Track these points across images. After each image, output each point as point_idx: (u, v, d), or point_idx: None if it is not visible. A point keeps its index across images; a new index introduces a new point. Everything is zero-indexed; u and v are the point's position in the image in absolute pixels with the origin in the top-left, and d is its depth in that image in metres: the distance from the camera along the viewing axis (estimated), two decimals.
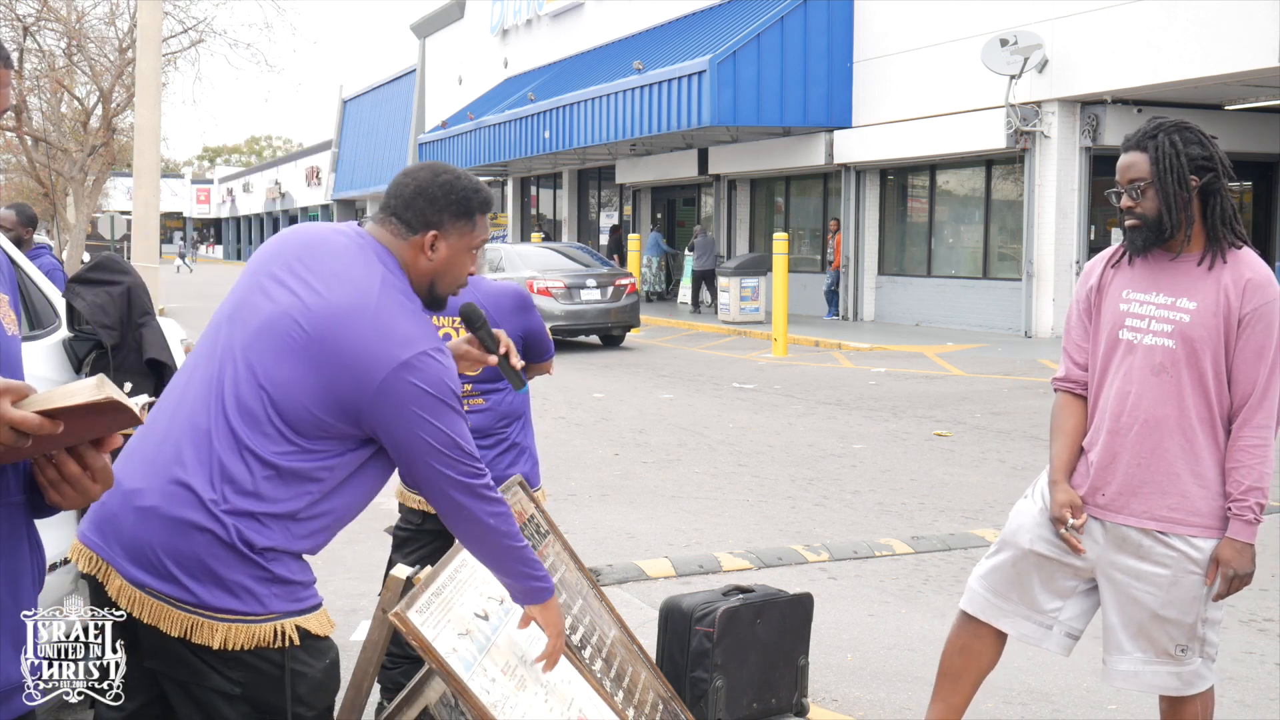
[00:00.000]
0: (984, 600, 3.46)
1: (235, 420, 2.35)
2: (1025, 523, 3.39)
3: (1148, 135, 3.16)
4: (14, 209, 7.44)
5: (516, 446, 3.93)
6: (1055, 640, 3.39)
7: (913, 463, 9.10)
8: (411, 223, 2.53)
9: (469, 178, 2.61)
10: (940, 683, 3.55)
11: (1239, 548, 3.10)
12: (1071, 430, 3.32)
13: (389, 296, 2.43)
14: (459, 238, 2.56)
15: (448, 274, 2.58)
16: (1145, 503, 3.17)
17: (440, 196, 2.53)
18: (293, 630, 2.37)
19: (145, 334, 4.14)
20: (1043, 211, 18.07)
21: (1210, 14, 15.02)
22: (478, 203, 2.58)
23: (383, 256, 2.51)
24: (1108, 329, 3.25)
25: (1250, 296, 3.09)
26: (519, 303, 3.89)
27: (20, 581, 1.84)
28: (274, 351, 2.38)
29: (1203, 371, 3.11)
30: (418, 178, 2.56)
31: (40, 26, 22.61)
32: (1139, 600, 3.20)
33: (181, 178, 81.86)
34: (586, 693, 3.05)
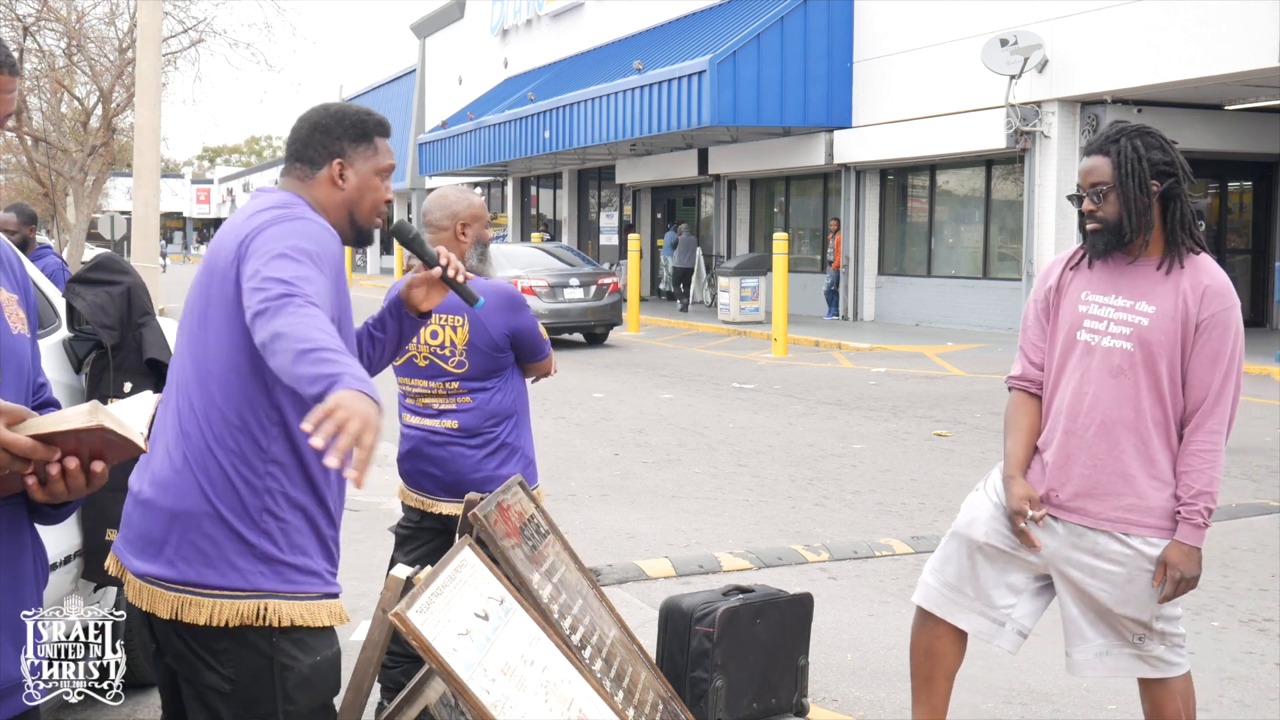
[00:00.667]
0: (938, 594, 3.48)
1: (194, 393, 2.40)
2: (979, 515, 3.41)
3: (1110, 139, 3.18)
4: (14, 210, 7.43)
5: (506, 447, 3.90)
6: (1006, 637, 3.41)
7: (913, 463, 9.10)
8: (314, 159, 2.56)
9: (359, 106, 2.64)
10: (915, 685, 3.58)
11: (1186, 550, 3.13)
12: (1027, 428, 3.34)
13: (256, 205, 2.48)
14: (364, 161, 2.58)
15: (363, 200, 2.59)
16: (1101, 504, 3.20)
17: (334, 125, 2.57)
18: (278, 613, 2.37)
19: (145, 334, 4.13)
20: (1043, 211, 18.07)
21: (1210, 14, 15.02)
22: (372, 124, 2.61)
23: (275, 192, 2.55)
24: (1065, 329, 3.28)
25: (1208, 303, 3.13)
26: (506, 301, 3.85)
27: (22, 580, 1.84)
28: (198, 324, 2.43)
29: (1159, 375, 3.15)
30: (309, 117, 2.60)
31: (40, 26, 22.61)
32: (1094, 596, 3.24)
33: (181, 178, 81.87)
34: (586, 693, 3.05)
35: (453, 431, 3.86)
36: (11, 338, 1.86)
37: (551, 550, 3.51)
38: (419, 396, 3.90)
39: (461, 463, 3.84)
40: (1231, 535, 6.88)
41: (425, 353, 3.85)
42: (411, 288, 2.82)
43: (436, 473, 3.88)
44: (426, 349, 3.86)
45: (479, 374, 3.85)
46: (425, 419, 3.89)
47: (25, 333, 1.92)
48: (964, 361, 15.59)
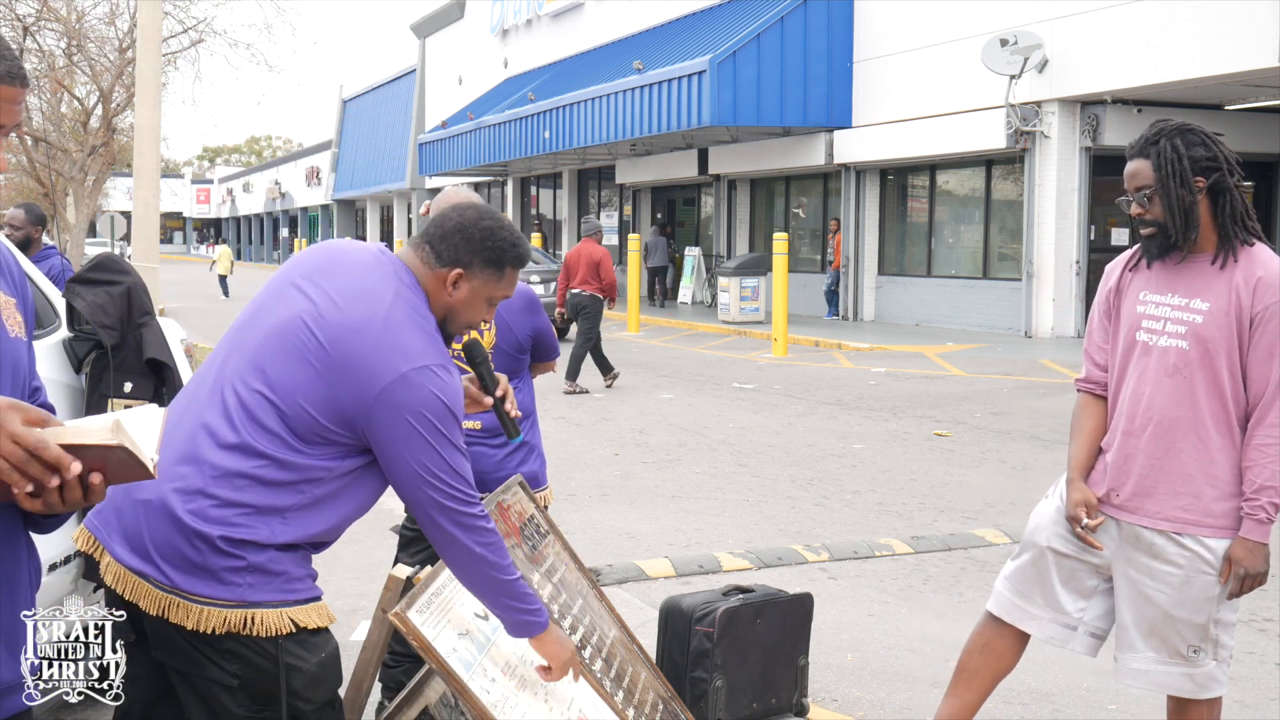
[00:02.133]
0: (1008, 602, 3.46)
1: (238, 417, 2.40)
2: (1043, 521, 3.41)
3: (1150, 141, 3.17)
4: (23, 208, 7.40)
5: (525, 445, 3.93)
6: (1080, 641, 3.39)
7: (913, 463, 9.10)
8: (443, 255, 2.56)
9: (512, 230, 2.64)
10: (956, 678, 3.55)
11: (1250, 547, 3.09)
12: (1090, 430, 3.33)
13: (400, 310, 2.46)
14: (483, 283, 2.59)
15: (462, 315, 2.61)
16: (1159, 503, 3.17)
17: (478, 239, 2.57)
18: (279, 621, 2.40)
19: (145, 334, 4.13)
20: (1043, 211, 18.07)
21: (1210, 14, 15.02)
22: (511, 256, 2.61)
23: (402, 274, 2.54)
24: (1125, 331, 3.27)
25: (1261, 295, 3.08)
26: (528, 303, 3.90)
27: (17, 582, 1.84)
28: (283, 354, 2.42)
29: (1217, 371, 3.11)
30: (464, 214, 2.60)
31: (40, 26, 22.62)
32: (1151, 599, 3.20)
33: (181, 178, 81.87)
34: (586, 693, 3.05)
35: (474, 432, 3.85)
36: (9, 341, 1.86)
37: (551, 550, 3.51)
38: None
39: (484, 462, 3.84)
40: None
41: None
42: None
43: None
44: (451, 352, 3.84)
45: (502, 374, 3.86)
46: None
47: (22, 336, 1.91)
48: (964, 361, 15.59)
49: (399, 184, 43.31)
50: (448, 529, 2.46)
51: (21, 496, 1.69)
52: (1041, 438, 10.06)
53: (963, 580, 6.09)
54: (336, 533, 2.55)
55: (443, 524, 2.46)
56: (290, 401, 2.39)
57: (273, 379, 2.41)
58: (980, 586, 5.85)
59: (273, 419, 2.39)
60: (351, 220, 54.49)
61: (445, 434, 2.42)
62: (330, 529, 2.51)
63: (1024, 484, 8.26)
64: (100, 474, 1.68)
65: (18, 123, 1.84)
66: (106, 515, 2.45)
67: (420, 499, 2.45)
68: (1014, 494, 7.98)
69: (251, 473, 2.37)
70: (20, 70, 1.80)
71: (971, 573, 6.21)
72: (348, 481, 2.47)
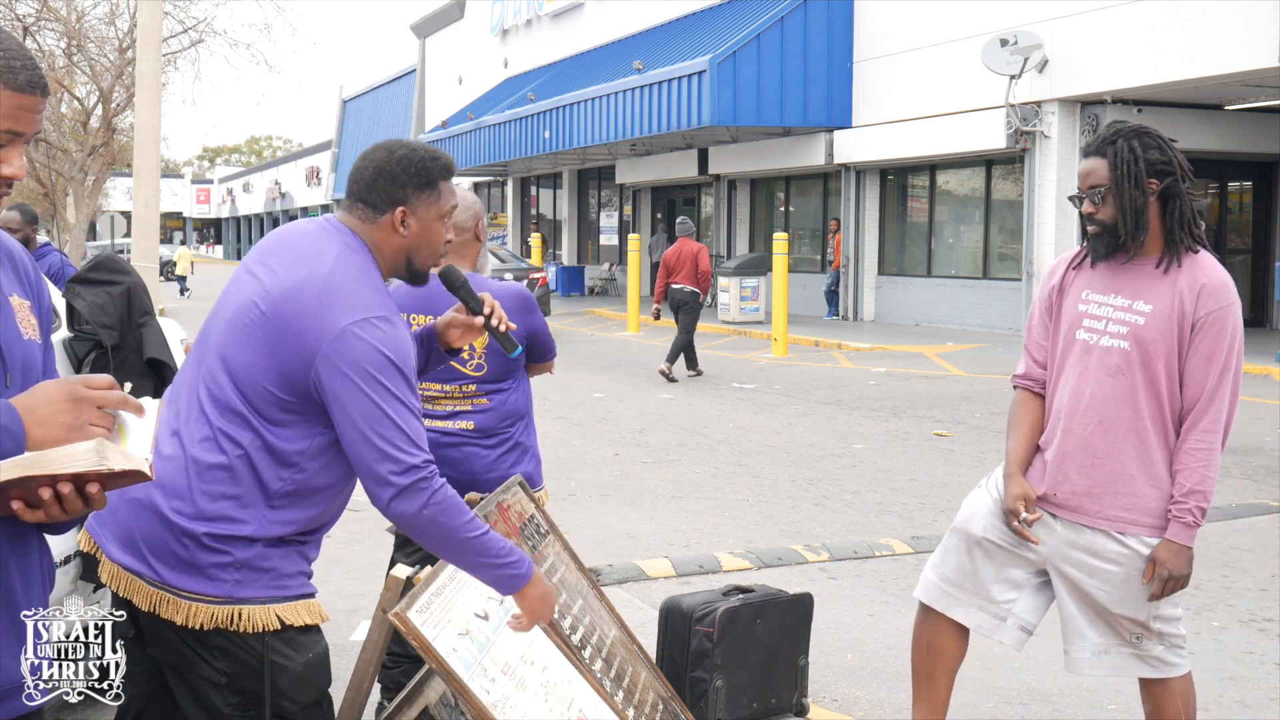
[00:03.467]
0: (938, 589, 3.49)
1: (209, 409, 2.42)
2: (978, 511, 3.43)
3: (1107, 141, 3.18)
4: (17, 209, 7.42)
5: (520, 446, 3.92)
6: (1009, 633, 3.42)
7: (913, 463, 9.10)
8: (378, 204, 2.54)
9: (425, 148, 2.60)
10: (916, 682, 3.58)
11: (1176, 549, 3.13)
12: (1029, 427, 3.36)
13: (340, 268, 2.45)
14: (427, 208, 2.56)
15: (424, 247, 2.58)
16: (1099, 503, 3.20)
17: (400, 173, 2.54)
18: (265, 617, 2.41)
19: (145, 334, 4.13)
20: (1043, 211, 18.07)
21: (1210, 14, 15.02)
22: (438, 170, 2.58)
23: (346, 236, 2.53)
24: (1066, 329, 3.29)
25: (1205, 301, 3.12)
26: (523, 303, 3.88)
27: (31, 580, 1.85)
28: (238, 338, 2.43)
29: (1155, 374, 3.15)
30: (374, 159, 2.57)
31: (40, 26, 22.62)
32: (1091, 595, 3.25)
33: (181, 178, 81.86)
34: (586, 693, 3.05)
35: (468, 432, 3.85)
36: (22, 343, 1.87)
37: (551, 550, 3.51)
38: (432, 399, 3.88)
39: (476, 463, 3.83)
40: (1231, 535, 6.88)
41: None
42: (450, 327, 2.86)
43: (449, 474, 3.86)
44: None
45: (496, 376, 3.85)
46: (437, 420, 3.87)
47: (36, 339, 1.92)
48: (964, 361, 15.58)
49: None
50: (391, 495, 2.35)
51: (20, 510, 1.70)
52: None
53: None
54: (329, 516, 2.55)
55: (385, 490, 2.36)
56: (251, 384, 2.40)
57: (233, 365, 2.42)
58: None
59: (240, 404, 2.40)
60: None
61: (387, 386, 2.36)
62: (320, 514, 2.51)
63: None
64: (97, 483, 1.69)
65: (38, 130, 1.85)
66: (103, 516, 2.48)
67: (361, 459, 2.37)
68: None
69: (230, 464, 2.39)
70: (42, 80, 1.81)
71: None
72: (326, 460, 2.46)
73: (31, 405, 1.70)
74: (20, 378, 1.84)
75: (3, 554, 1.79)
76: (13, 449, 1.67)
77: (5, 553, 1.80)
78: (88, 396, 1.71)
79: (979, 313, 19.93)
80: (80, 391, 1.71)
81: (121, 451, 1.68)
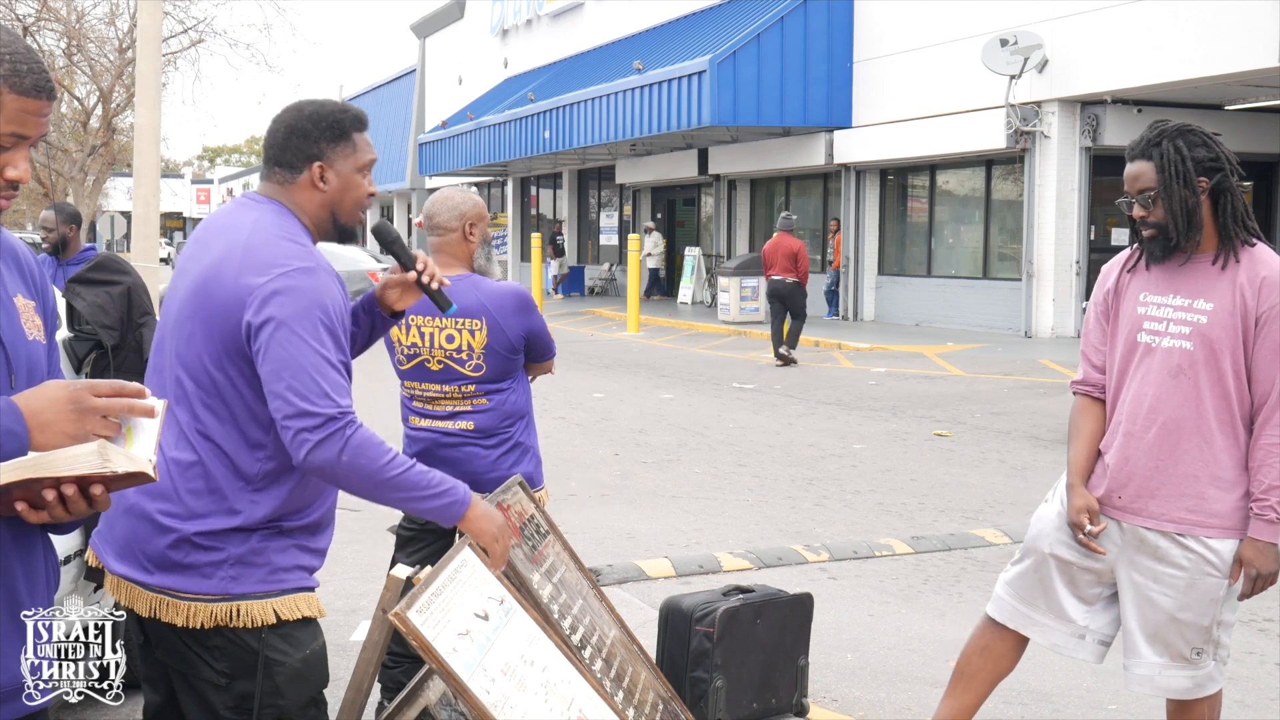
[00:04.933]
0: (1011, 608, 3.45)
1: (177, 410, 2.44)
2: (1045, 528, 3.38)
3: (1151, 143, 3.14)
4: (54, 208, 7.10)
5: (520, 446, 3.92)
6: (1089, 649, 3.38)
7: (913, 463, 9.10)
8: (293, 163, 2.54)
9: (334, 102, 2.61)
10: (955, 680, 3.55)
11: (1260, 547, 3.09)
12: (1090, 433, 3.31)
13: (255, 232, 2.45)
14: (343, 160, 2.55)
15: (345, 199, 2.57)
16: (1162, 505, 3.16)
17: (311, 128, 2.53)
18: (261, 612, 2.42)
19: (145, 334, 4.13)
20: (1043, 211, 18.07)
21: (1210, 14, 15.02)
22: (349, 121, 2.57)
23: (262, 204, 2.53)
24: (1126, 332, 3.25)
25: (1266, 294, 3.07)
26: (520, 303, 3.86)
27: (35, 580, 1.85)
28: (184, 334, 2.45)
29: (1222, 372, 3.10)
30: (284, 119, 2.57)
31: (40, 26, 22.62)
32: (1156, 602, 3.20)
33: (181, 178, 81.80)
34: (586, 693, 3.05)
35: (467, 433, 3.84)
36: (26, 344, 1.87)
37: (551, 550, 3.51)
38: (432, 400, 3.88)
39: (476, 463, 3.83)
40: None
41: (440, 357, 3.82)
42: (386, 288, 2.82)
43: (449, 474, 3.86)
44: (441, 353, 3.83)
45: (495, 376, 3.84)
46: (436, 421, 3.87)
47: (41, 339, 1.93)
48: (964, 361, 15.58)
49: (399, 184, 43.30)
50: (306, 449, 2.32)
51: (25, 511, 1.70)
52: (1041, 438, 10.06)
53: (963, 580, 6.09)
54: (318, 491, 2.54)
55: (299, 443, 2.32)
56: (204, 374, 2.41)
57: (186, 361, 2.43)
58: (980, 586, 5.85)
59: (200, 397, 2.41)
60: None
61: (302, 336, 2.34)
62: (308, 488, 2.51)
63: (1024, 484, 8.27)
64: (101, 484, 1.69)
65: (44, 134, 1.85)
66: (103, 530, 2.52)
67: (277, 411, 2.34)
68: (1014, 494, 7.98)
69: (204, 459, 2.40)
70: (49, 84, 1.82)
71: (971, 573, 6.21)
72: None
73: (36, 408, 1.70)
74: (25, 378, 1.84)
75: (7, 554, 1.79)
76: (16, 450, 1.67)
77: (9, 553, 1.80)
78: (94, 406, 1.71)
79: (979, 313, 19.92)
80: (86, 401, 1.71)
81: (124, 453, 1.68)
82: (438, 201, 3.91)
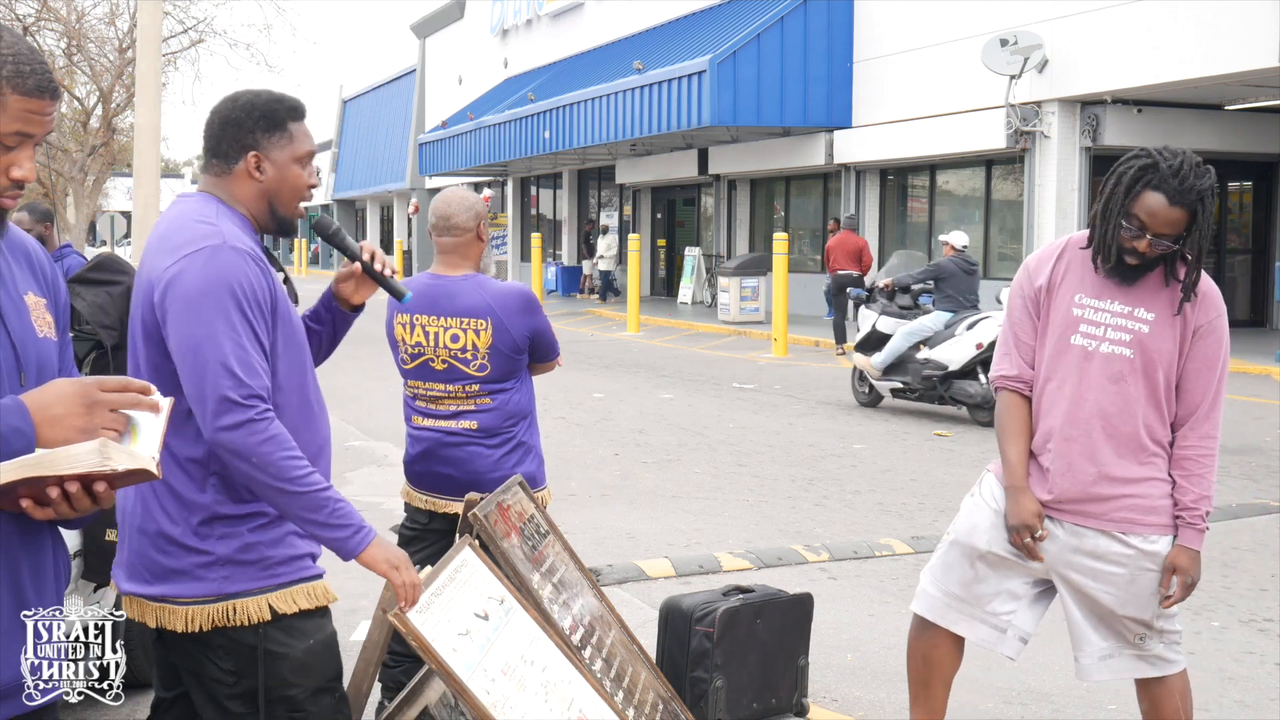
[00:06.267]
0: (938, 602, 3.47)
1: None
2: (980, 523, 3.38)
3: (1198, 197, 3.06)
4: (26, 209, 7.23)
5: (523, 445, 3.92)
6: (1009, 644, 3.41)
7: (913, 463, 9.10)
8: (228, 154, 2.53)
9: (270, 91, 2.59)
10: (913, 690, 3.59)
11: (1192, 555, 3.16)
12: (1026, 433, 3.33)
13: (172, 220, 2.47)
14: (280, 150, 2.53)
15: (283, 190, 2.55)
16: (1102, 505, 3.20)
17: (244, 118, 2.52)
18: (257, 608, 2.44)
19: None
20: (1043, 212, 18.07)
21: (1210, 14, 15.02)
22: (285, 110, 2.55)
23: (191, 198, 2.54)
24: (1057, 332, 3.24)
25: (1204, 309, 3.15)
26: (525, 303, 3.86)
27: (42, 578, 1.85)
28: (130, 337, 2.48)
29: (1155, 382, 3.16)
30: (219, 111, 2.56)
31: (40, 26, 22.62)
32: (1096, 599, 3.25)
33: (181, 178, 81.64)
34: (586, 693, 3.05)
35: (471, 432, 3.84)
36: (37, 341, 1.88)
37: (551, 550, 3.51)
38: (435, 399, 3.88)
39: (480, 462, 3.83)
40: (1231, 535, 6.88)
41: (444, 356, 3.82)
42: (339, 282, 2.81)
43: (452, 473, 3.86)
44: (446, 353, 3.82)
45: (499, 376, 3.84)
46: (439, 420, 3.87)
47: (52, 336, 1.94)
48: None
49: (399, 184, 43.29)
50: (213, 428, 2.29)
51: (30, 508, 1.71)
52: None
53: None
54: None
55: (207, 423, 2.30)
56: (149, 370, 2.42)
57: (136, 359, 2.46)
58: None
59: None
60: (351, 220, 54.49)
61: (201, 312, 2.31)
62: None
63: None
64: (105, 482, 1.70)
65: (48, 132, 1.86)
66: (119, 554, 2.55)
67: (187, 391, 2.32)
68: None
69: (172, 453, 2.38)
70: (52, 84, 1.83)
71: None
72: None
73: (44, 404, 1.71)
74: (35, 376, 1.85)
75: (13, 550, 1.80)
76: (23, 448, 1.68)
77: (16, 549, 1.80)
78: (102, 400, 1.72)
79: None
80: (95, 395, 1.72)
81: (126, 451, 1.69)
82: (453, 202, 3.89)
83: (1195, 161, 3.10)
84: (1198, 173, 3.08)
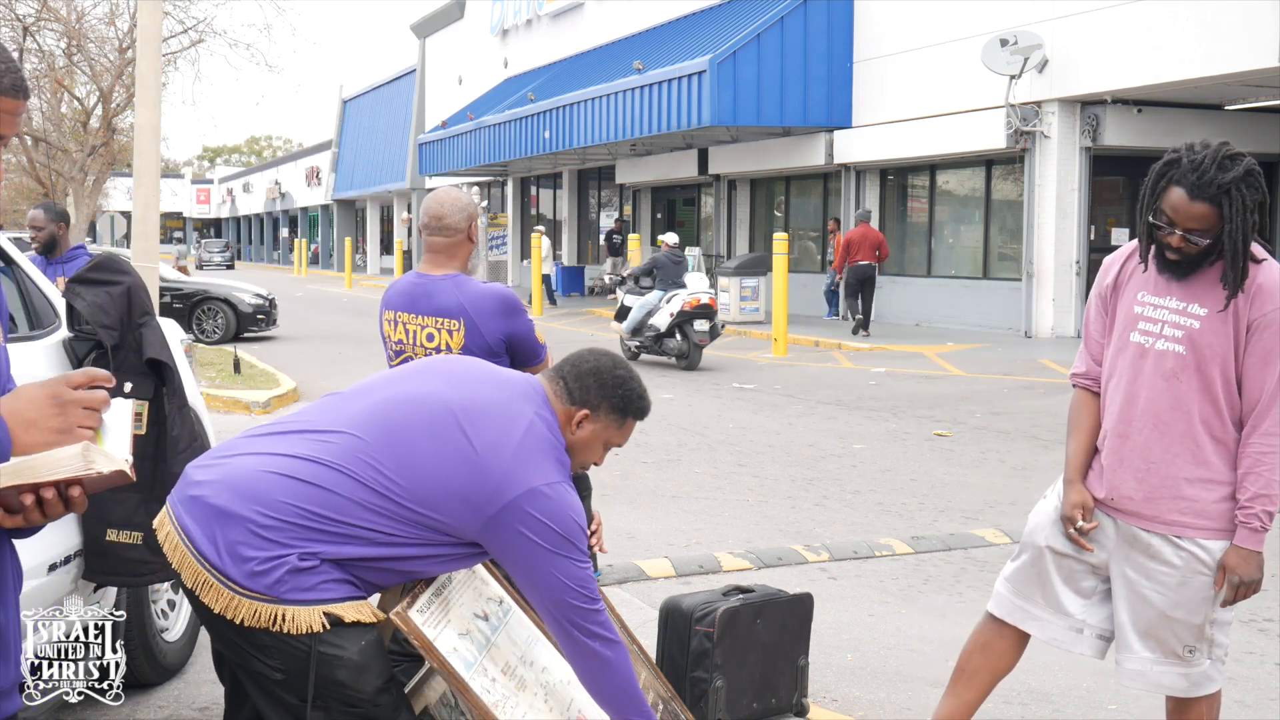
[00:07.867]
0: (1010, 603, 3.44)
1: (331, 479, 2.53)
2: (1041, 521, 3.39)
3: (1222, 190, 3.04)
4: (42, 208, 7.21)
5: None
6: (1088, 644, 3.38)
7: (913, 463, 9.10)
8: (574, 393, 2.70)
9: (640, 383, 2.78)
10: (955, 678, 3.54)
11: (1245, 555, 3.09)
12: (1089, 429, 3.31)
13: (528, 441, 2.60)
14: (604, 428, 2.72)
15: (578, 454, 2.73)
16: (1155, 507, 3.16)
17: (610, 385, 2.71)
18: (308, 618, 2.46)
19: (145, 334, 4.12)
20: (1043, 212, 18.07)
21: (1210, 14, 15.02)
22: (635, 408, 2.75)
23: (542, 406, 2.69)
24: (1120, 330, 3.24)
25: (1259, 303, 3.06)
26: (502, 306, 3.81)
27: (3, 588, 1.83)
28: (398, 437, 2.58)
29: (1211, 378, 3.10)
30: (599, 360, 2.75)
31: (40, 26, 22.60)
32: (1148, 599, 3.20)
33: (181, 178, 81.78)
34: (586, 693, 3.05)
35: None
36: None
37: None
38: None
39: None
40: None
41: (422, 355, 3.83)
42: None
43: None
44: (423, 351, 3.83)
45: None
46: None
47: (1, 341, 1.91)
48: (964, 361, 15.58)
49: (399, 184, 43.29)
50: (574, 637, 2.65)
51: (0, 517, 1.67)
52: (1041, 438, 10.06)
53: (963, 580, 6.09)
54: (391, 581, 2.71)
55: (571, 634, 2.65)
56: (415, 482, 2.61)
57: (397, 457, 2.61)
58: (980, 586, 5.85)
59: (389, 492, 2.59)
60: (351, 220, 54.50)
61: (571, 543, 2.58)
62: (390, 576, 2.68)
63: (1024, 484, 8.26)
64: (79, 486, 1.67)
65: (16, 133, 1.85)
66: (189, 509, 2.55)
67: (548, 606, 2.64)
68: (1014, 494, 7.98)
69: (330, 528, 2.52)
70: (22, 83, 1.81)
71: (971, 573, 6.21)
72: (431, 558, 2.71)
73: (17, 409, 1.68)
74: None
75: None
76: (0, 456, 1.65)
77: None
78: (73, 398, 1.69)
79: (979, 313, 19.92)
80: (65, 394, 1.69)
81: (105, 454, 1.65)
82: (446, 203, 3.87)
83: (1224, 155, 3.06)
84: (1221, 165, 3.05)
